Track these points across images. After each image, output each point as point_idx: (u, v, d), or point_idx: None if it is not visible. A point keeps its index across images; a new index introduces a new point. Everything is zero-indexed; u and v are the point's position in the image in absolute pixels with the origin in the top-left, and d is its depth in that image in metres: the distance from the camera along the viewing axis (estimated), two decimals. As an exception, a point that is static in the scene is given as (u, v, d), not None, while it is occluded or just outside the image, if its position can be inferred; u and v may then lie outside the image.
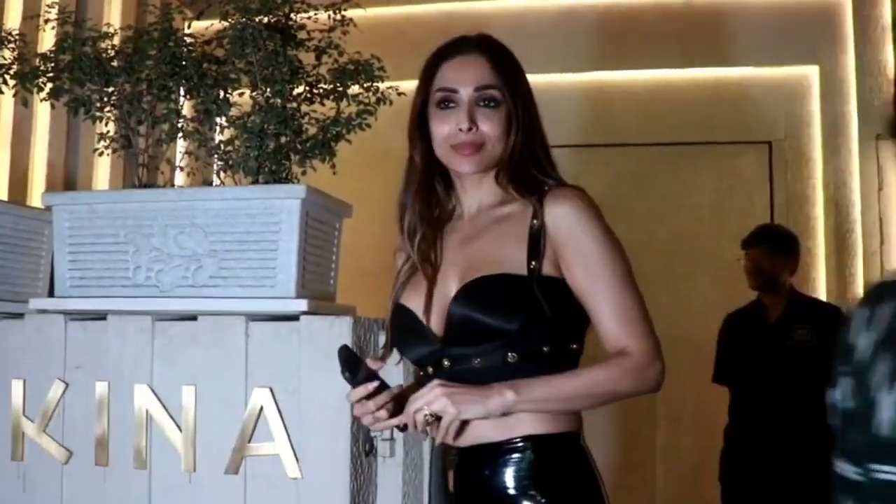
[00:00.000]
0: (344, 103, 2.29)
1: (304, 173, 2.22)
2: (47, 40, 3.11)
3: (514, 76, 1.66)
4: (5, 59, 2.47)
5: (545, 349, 1.54)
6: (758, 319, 3.70)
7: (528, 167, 1.63)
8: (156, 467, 2.08)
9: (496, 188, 1.67)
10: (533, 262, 1.55)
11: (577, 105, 4.42)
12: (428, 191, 1.72)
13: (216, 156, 2.23)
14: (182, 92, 2.27)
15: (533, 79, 1.71)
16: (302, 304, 2.03)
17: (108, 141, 2.32)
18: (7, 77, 2.43)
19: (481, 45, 1.67)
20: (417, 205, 1.71)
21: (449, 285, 1.62)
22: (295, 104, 2.21)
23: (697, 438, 4.28)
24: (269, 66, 2.10)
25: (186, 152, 2.37)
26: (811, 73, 4.48)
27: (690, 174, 4.53)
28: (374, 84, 2.24)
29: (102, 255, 2.17)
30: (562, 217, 1.56)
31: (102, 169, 4.05)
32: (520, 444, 1.54)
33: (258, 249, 2.07)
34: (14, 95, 2.46)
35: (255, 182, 2.16)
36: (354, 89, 2.26)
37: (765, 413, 3.58)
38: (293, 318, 2.05)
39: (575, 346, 1.60)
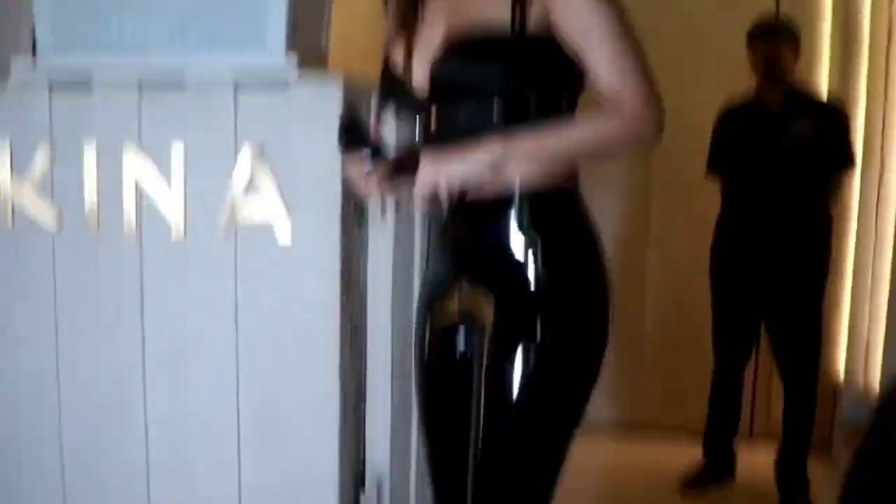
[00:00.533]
0: None
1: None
2: None
3: None
4: None
5: (531, 108, 1.52)
6: (755, 109, 3.63)
7: None
8: (146, 235, 2.08)
9: None
10: (518, 17, 1.49)
11: None
12: None
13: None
14: None
15: None
16: (292, 61, 1.96)
17: None
18: None
19: None
20: None
21: (434, 40, 1.57)
22: None
23: (692, 230, 4.28)
24: None
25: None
26: None
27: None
28: None
29: (84, 13, 2.09)
30: None
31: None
32: (515, 197, 1.54)
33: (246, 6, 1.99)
34: None
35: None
36: None
37: (761, 209, 3.56)
38: (283, 85, 1.99)
39: (566, 96, 1.56)
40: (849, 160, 3.65)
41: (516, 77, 1.50)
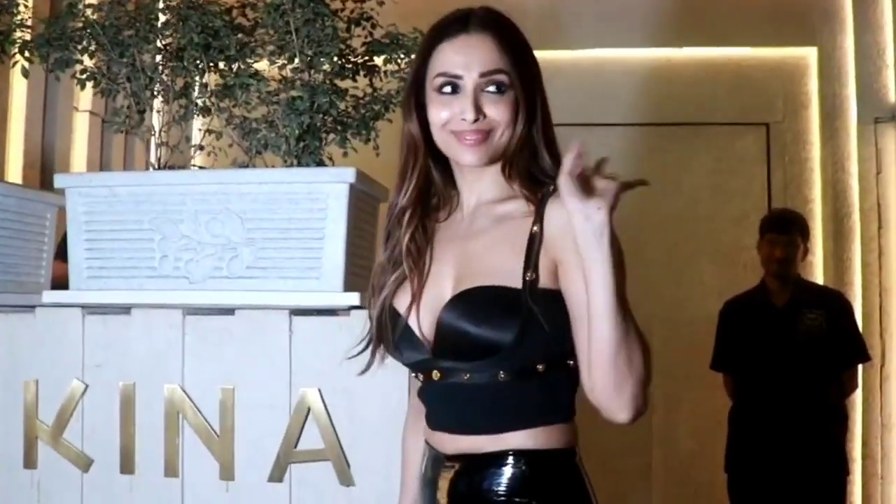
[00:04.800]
0: (376, 79, 2.13)
1: (345, 155, 2.05)
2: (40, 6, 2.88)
3: (524, 57, 1.48)
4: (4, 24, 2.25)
5: (539, 367, 1.41)
6: (764, 304, 3.62)
7: (530, 161, 1.48)
8: (189, 476, 1.91)
9: (498, 182, 1.50)
10: (529, 274, 1.39)
11: (573, 83, 4.27)
12: (427, 176, 1.53)
13: (247, 134, 2.05)
14: (208, 64, 2.07)
15: (530, 55, 1.55)
16: (353, 298, 1.87)
17: (122, 117, 2.12)
18: (6, 45, 2.22)
19: (487, 21, 1.47)
20: (416, 190, 1.51)
21: (442, 289, 1.46)
22: (330, 78, 2.05)
23: (695, 423, 4.21)
24: (313, 35, 1.92)
25: (207, 130, 2.17)
26: (809, 54, 4.41)
27: (687, 155, 4.43)
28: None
29: (124, 244, 1.98)
30: (564, 226, 1.35)
31: (79, 145, 3.80)
32: (511, 458, 1.42)
33: (301, 238, 1.90)
34: (13, 66, 2.25)
35: (294, 164, 1.99)
36: (390, 66, 2.11)
37: (776, 403, 3.50)
38: (340, 311, 1.89)
39: (572, 362, 1.42)
40: (863, 355, 3.63)
41: (523, 333, 1.37)
